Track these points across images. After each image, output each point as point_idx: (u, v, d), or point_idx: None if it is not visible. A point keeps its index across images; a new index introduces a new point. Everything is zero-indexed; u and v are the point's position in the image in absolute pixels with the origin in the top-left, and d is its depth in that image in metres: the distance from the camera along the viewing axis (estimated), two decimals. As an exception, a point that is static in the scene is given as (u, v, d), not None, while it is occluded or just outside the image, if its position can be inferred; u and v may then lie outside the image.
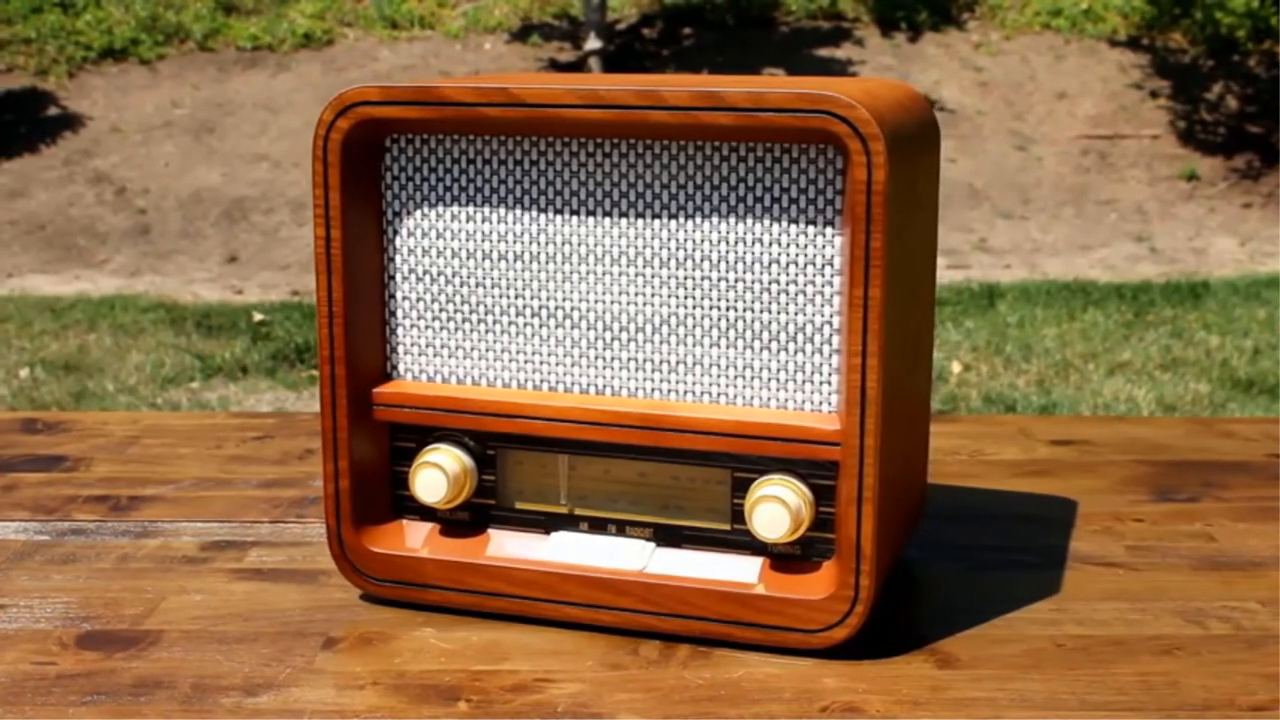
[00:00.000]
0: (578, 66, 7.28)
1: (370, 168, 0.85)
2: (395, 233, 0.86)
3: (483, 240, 0.84)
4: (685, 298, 0.82)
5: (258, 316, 4.52)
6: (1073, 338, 4.25)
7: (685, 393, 0.83)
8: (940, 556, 0.95)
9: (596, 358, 0.84)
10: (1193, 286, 4.96)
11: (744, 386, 0.82)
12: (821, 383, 0.80)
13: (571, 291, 0.83)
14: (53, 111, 7.03)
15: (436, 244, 0.85)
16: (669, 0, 7.97)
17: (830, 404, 0.80)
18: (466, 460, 0.86)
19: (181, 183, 6.42)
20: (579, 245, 0.83)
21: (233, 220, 6.11)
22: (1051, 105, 7.07)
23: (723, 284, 0.81)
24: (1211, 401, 3.63)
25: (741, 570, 0.82)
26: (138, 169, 6.55)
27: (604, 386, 0.84)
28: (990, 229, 6.06)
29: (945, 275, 5.24)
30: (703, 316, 0.81)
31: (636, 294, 0.82)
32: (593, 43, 7.17)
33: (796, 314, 0.80)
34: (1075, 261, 5.61)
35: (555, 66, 7.38)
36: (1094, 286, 5.01)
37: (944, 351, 4.08)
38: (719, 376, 0.82)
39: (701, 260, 0.81)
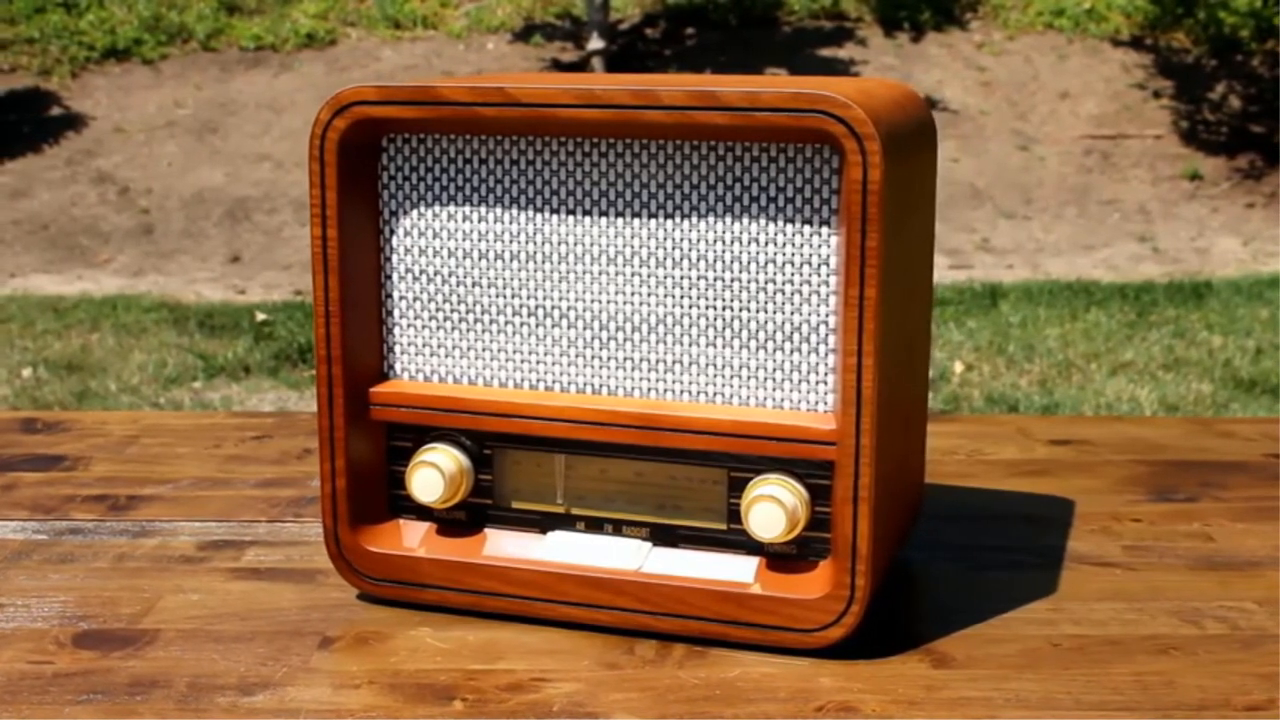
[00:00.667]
0: (580, 66, 7.28)
1: (367, 167, 0.85)
2: (392, 232, 0.86)
3: (479, 240, 0.84)
4: (681, 297, 0.82)
5: (260, 316, 4.52)
6: (1075, 338, 4.25)
7: (682, 392, 0.83)
8: (937, 556, 0.95)
9: (593, 357, 0.84)
10: (1195, 286, 4.95)
11: (740, 386, 0.82)
12: (818, 382, 0.80)
13: (568, 291, 0.83)
14: (56, 111, 7.03)
15: (433, 244, 0.85)
16: (671, 0, 7.97)
17: (826, 404, 0.80)
18: (463, 460, 0.86)
19: (184, 182, 6.42)
20: (575, 245, 0.83)
21: (235, 220, 6.11)
22: (1054, 105, 7.07)
23: (719, 284, 0.81)
24: (1214, 401, 3.63)
25: (738, 570, 0.82)
26: (140, 169, 6.56)
27: (600, 386, 0.84)
28: (993, 229, 6.05)
29: (948, 275, 5.23)
30: (699, 316, 0.81)
31: (633, 294, 0.82)
32: (595, 43, 7.17)
33: (793, 314, 0.80)
34: (1078, 261, 5.61)
35: (558, 66, 7.38)
36: (1096, 286, 5.00)
37: (946, 351, 4.07)
38: (715, 376, 0.82)
39: (698, 260, 0.81)
